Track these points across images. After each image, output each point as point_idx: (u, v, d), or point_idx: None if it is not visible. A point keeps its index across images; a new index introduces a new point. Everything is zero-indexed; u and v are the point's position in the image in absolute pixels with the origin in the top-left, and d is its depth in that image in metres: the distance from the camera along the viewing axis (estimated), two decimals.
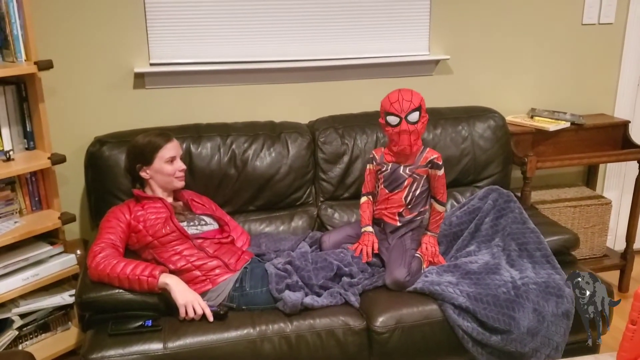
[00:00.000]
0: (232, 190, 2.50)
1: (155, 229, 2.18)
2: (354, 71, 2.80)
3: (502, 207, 2.38)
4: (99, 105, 2.58)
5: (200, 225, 2.28)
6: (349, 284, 2.15)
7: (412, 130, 2.15)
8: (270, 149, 2.53)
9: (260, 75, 2.69)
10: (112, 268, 1.99)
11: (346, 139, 2.62)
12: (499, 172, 2.78)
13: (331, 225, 2.61)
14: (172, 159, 2.26)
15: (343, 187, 2.64)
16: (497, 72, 3.00)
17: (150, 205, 2.25)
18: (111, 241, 2.12)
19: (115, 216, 2.21)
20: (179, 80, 2.61)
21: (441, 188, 2.26)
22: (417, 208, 2.29)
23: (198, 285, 2.13)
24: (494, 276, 2.15)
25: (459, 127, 2.74)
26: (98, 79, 2.54)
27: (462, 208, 2.48)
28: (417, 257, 2.23)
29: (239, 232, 2.46)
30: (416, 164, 2.24)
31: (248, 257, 2.27)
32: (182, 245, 2.18)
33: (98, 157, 2.40)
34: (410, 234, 2.28)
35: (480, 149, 2.73)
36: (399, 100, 2.14)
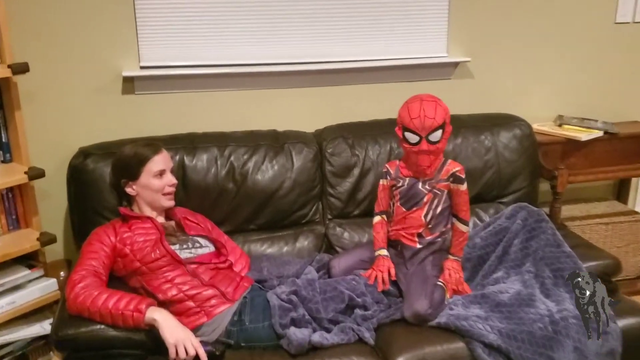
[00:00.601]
0: (230, 207, 2.32)
1: (144, 253, 1.96)
2: (365, 75, 2.64)
3: (532, 227, 2.17)
4: (84, 113, 2.41)
5: (195, 248, 2.06)
6: (362, 317, 1.93)
7: (433, 150, 1.95)
8: (272, 161, 2.35)
9: (262, 79, 2.53)
10: (92, 301, 1.77)
11: (357, 150, 2.43)
12: (526, 187, 2.57)
13: (340, 246, 2.41)
14: (160, 172, 2.05)
15: (353, 203, 2.45)
16: (521, 76, 2.84)
17: (138, 226, 2.03)
18: (93, 268, 1.90)
19: (99, 238, 1.99)
20: (172, 85, 2.46)
21: (464, 205, 2.04)
22: (438, 228, 2.07)
23: (191, 317, 1.91)
24: (528, 309, 1.91)
25: (482, 137, 2.54)
26: (82, 84, 2.38)
27: (487, 228, 2.26)
28: (440, 286, 2.01)
29: (237, 254, 2.24)
30: (436, 178, 2.02)
31: (248, 284, 2.05)
32: (174, 271, 1.96)
33: (81, 170, 2.21)
34: (431, 258, 2.06)
35: (506, 161, 2.53)
36: (420, 117, 1.92)
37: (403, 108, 1.98)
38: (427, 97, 1.97)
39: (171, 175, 2.09)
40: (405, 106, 1.98)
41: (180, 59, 2.44)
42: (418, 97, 1.97)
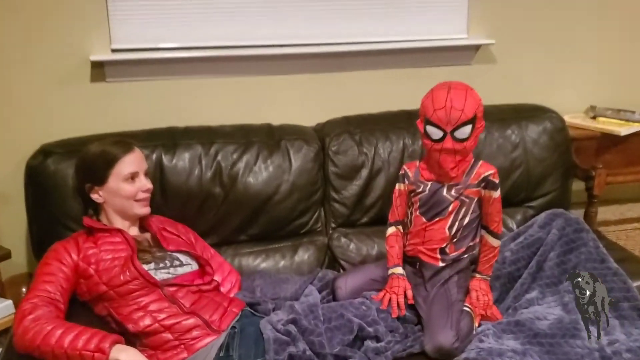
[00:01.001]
0: (217, 216, 2.10)
1: (111, 275, 1.67)
2: (374, 59, 2.43)
3: (571, 239, 1.95)
4: (46, 105, 2.20)
5: (173, 266, 1.77)
6: (374, 350, 1.65)
7: (459, 149, 1.68)
8: (267, 161, 2.13)
9: (255, 64, 2.35)
10: (44, 337, 1.48)
11: (365, 148, 2.20)
12: (558, 189, 2.33)
13: (346, 259, 2.17)
14: (132, 175, 1.80)
15: (361, 209, 2.22)
16: (550, 61, 2.63)
17: (105, 240, 1.75)
18: (48, 295, 1.61)
19: (57, 257, 1.70)
20: (149, 70, 2.27)
21: (496, 215, 1.78)
22: (464, 242, 1.79)
23: (169, 353, 1.64)
24: (573, 341, 1.65)
25: (508, 131, 2.30)
26: (44, 71, 2.17)
27: (518, 239, 2.02)
28: (467, 312, 1.74)
29: (225, 271, 1.98)
30: (465, 183, 1.75)
31: (237, 309, 1.77)
32: (148, 296, 1.68)
33: (41, 172, 1.96)
34: (456, 278, 1.78)
35: (535, 159, 2.29)
36: (445, 108, 1.64)
37: (427, 96, 1.70)
38: (457, 84, 1.69)
39: (145, 179, 1.83)
40: (430, 94, 1.70)
41: (158, 40, 2.25)
42: (446, 84, 1.69)
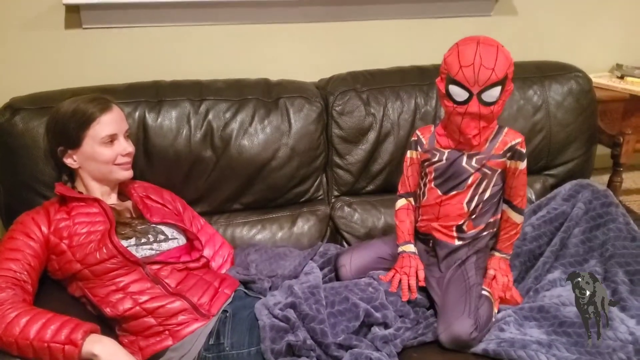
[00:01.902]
0: (208, 182, 1.97)
1: (86, 252, 1.50)
2: (383, 7, 2.27)
3: (598, 213, 1.82)
4: (14, 54, 2.05)
5: (157, 241, 1.61)
6: (382, 338, 1.50)
7: (486, 114, 1.49)
8: (263, 121, 1.98)
9: (249, 10, 2.19)
10: (7, 327, 1.33)
11: (373, 108, 2.05)
12: (581, 156, 2.17)
13: (349, 232, 2.03)
14: (110, 138, 1.62)
15: (367, 177, 2.09)
16: (575, 14, 2.46)
17: (80, 211, 1.57)
18: (13, 274, 1.45)
19: (25, 229, 1.53)
20: (132, 16, 2.11)
21: (521, 189, 1.60)
22: (484, 219, 1.61)
23: (151, 339, 1.49)
24: (603, 331, 1.53)
25: (530, 92, 2.13)
26: (12, 15, 2.01)
27: (539, 212, 1.87)
28: (486, 297, 1.58)
29: (216, 244, 1.83)
30: (488, 153, 1.57)
31: (230, 289, 1.61)
32: (128, 275, 1.52)
33: (8, 131, 1.79)
34: (475, 258, 1.61)
35: (559, 124, 2.12)
36: (474, 65, 1.45)
37: (451, 52, 1.50)
38: (487, 39, 1.49)
39: (126, 142, 1.65)
40: (455, 49, 1.49)
41: None
42: (474, 39, 1.49)
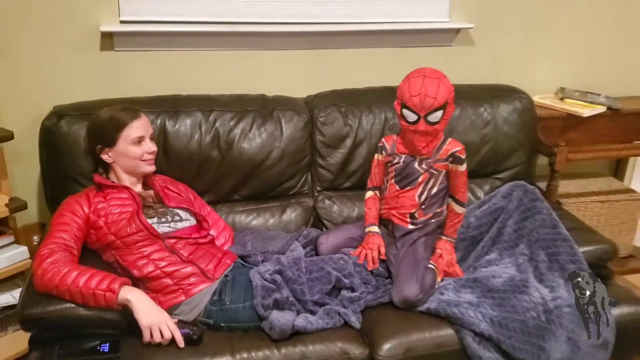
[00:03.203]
0: (214, 177, 2.22)
1: (119, 227, 1.85)
2: (361, 38, 2.51)
3: (527, 207, 2.09)
4: (59, 70, 2.27)
5: (174, 221, 1.95)
6: (349, 299, 1.85)
7: (430, 131, 1.84)
8: (260, 128, 2.23)
9: (252, 39, 2.41)
10: (61, 278, 1.66)
11: (350, 119, 2.31)
12: (523, 163, 2.48)
13: (329, 219, 2.33)
14: (139, 139, 1.94)
15: (344, 175, 2.35)
16: (525, 45, 2.72)
17: (114, 196, 1.91)
18: (63, 241, 1.78)
19: (71, 209, 1.87)
20: (155, 42, 2.33)
21: (462, 186, 1.95)
22: (432, 209, 1.97)
23: (169, 296, 1.82)
24: (521, 296, 1.84)
25: (481, 109, 2.43)
26: (57, 38, 2.23)
27: (482, 207, 2.18)
28: (431, 269, 1.93)
29: (220, 226, 2.15)
30: (434, 158, 1.92)
31: (230, 260, 1.95)
32: (151, 246, 1.86)
33: (54, 132, 2.07)
34: (424, 239, 1.97)
35: (504, 136, 2.43)
36: (420, 95, 1.79)
37: (404, 82, 1.85)
38: (431, 72, 1.82)
39: (151, 143, 1.98)
40: (407, 81, 1.84)
41: (164, 14, 2.30)
42: (421, 72, 1.83)
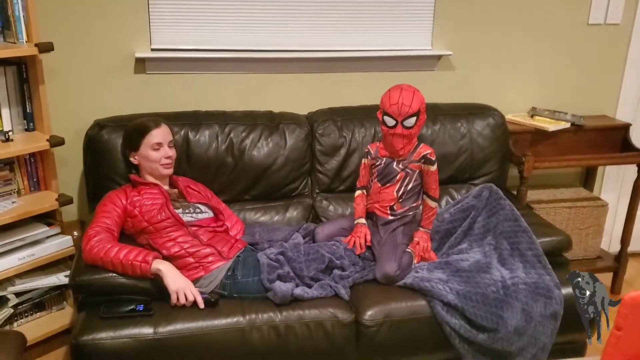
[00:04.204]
0: (229, 179, 2.49)
1: (151, 215, 2.18)
2: (355, 64, 2.77)
3: (493, 205, 2.36)
4: (99, 89, 2.56)
5: (195, 213, 2.28)
6: (339, 276, 2.15)
7: (406, 134, 2.16)
8: (267, 139, 2.51)
9: (262, 64, 2.67)
10: (106, 252, 2.00)
11: (344, 132, 2.59)
12: (496, 171, 2.77)
13: (325, 217, 2.61)
14: (158, 145, 2.23)
15: (339, 179, 2.63)
16: (499, 70, 2.97)
17: (146, 191, 2.25)
18: (106, 225, 2.12)
19: (112, 200, 2.21)
20: (180, 66, 2.60)
21: (433, 184, 2.26)
22: (408, 203, 2.29)
23: (191, 271, 2.13)
24: (484, 275, 2.14)
25: (458, 124, 2.72)
26: (99, 63, 2.53)
27: (456, 205, 2.47)
28: (408, 252, 2.23)
29: (233, 220, 2.46)
30: (409, 159, 2.24)
31: (241, 245, 2.27)
32: (177, 232, 2.18)
33: (97, 140, 2.39)
34: (402, 228, 2.28)
35: (478, 147, 2.71)
36: (398, 103, 2.13)
37: (385, 94, 2.19)
38: (407, 87, 2.17)
39: (168, 149, 2.24)
40: (387, 93, 2.18)
41: (187, 43, 2.57)
42: (399, 86, 2.17)
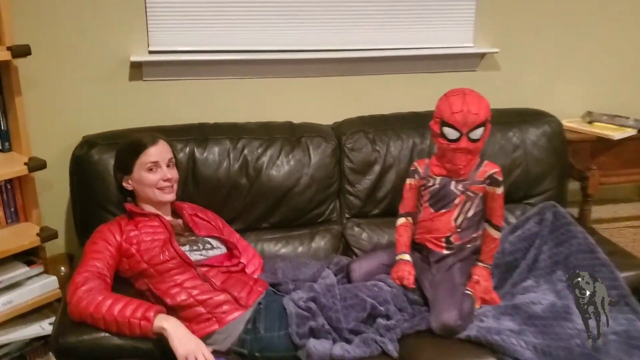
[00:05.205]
0: (243, 204, 2.23)
1: (152, 254, 1.84)
2: (387, 64, 2.54)
3: (561, 232, 2.08)
4: (89, 100, 2.32)
5: (205, 249, 1.94)
6: (385, 327, 1.82)
7: (472, 149, 1.85)
8: (288, 155, 2.25)
9: (279, 67, 2.45)
10: (96, 306, 1.66)
11: (378, 145, 2.33)
12: (555, 188, 2.47)
13: (358, 247, 2.32)
14: (154, 165, 1.91)
15: (373, 202, 2.35)
16: (550, 69, 2.74)
17: (145, 224, 1.91)
18: (97, 269, 1.78)
19: (103, 237, 1.87)
20: (183, 71, 2.37)
21: (499, 209, 1.93)
22: (468, 233, 1.95)
23: (202, 324, 1.80)
24: (564, 323, 1.81)
25: (510, 134, 2.43)
26: (88, 69, 2.29)
27: (516, 232, 2.16)
28: (469, 295, 1.90)
29: (250, 254, 2.13)
30: (472, 179, 1.91)
31: (262, 288, 1.93)
32: (184, 274, 1.84)
33: (85, 161, 2.11)
34: (459, 265, 1.94)
35: (534, 160, 2.42)
36: (462, 112, 1.81)
37: (443, 101, 1.86)
38: (470, 91, 1.86)
39: (167, 169, 1.92)
40: (446, 99, 1.86)
41: (192, 44, 2.35)
42: (460, 90, 1.86)
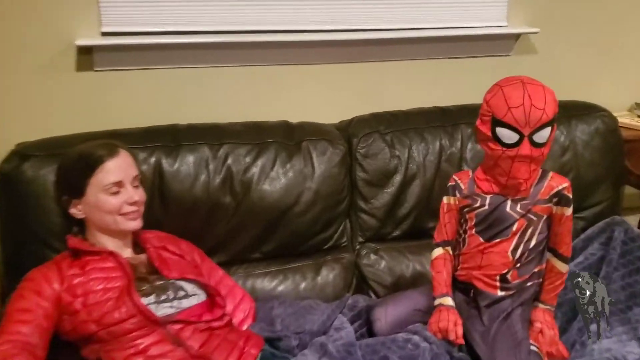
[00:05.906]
0: (227, 229, 1.95)
1: (103, 311, 1.42)
2: (404, 48, 2.30)
3: (637, 256, 1.82)
4: (21, 98, 2.03)
5: (178, 298, 1.53)
6: None
7: (536, 156, 1.47)
8: (285, 165, 1.98)
9: (268, 52, 2.21)
10: None
11: (397, 150, 2.06)
12: (610, 198, 2.17)
13: (377, 280, 1.99)
14: (116, 185, 1.55)
15: (393, 221, 2.07)
16: (594, 53, 2.52)
17: (95, 266, 1.49)
18: (23, 338, 1.37)
19: (35, 287, 1.45)
20: (147, 58, 2.11)
21: (567, 235, 1.56)
22: (529, 268, 1.56)
23: None
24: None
25: (556, 132, 2.10)
26: (21, 56, 2.00)
27: (577, 258, 1.87)
28: (535, 352, 1.50)
29: (237, 297, 1.76)
30: (533, 198, 1.52)
31: (256, 349, 1.53)
32: (148, 337, 1.43)
33: (16, 179, 1.76)
34: (520, 311, 1.55)
35: (586, 164, 2.15)
36: (524, 106, 1.43)
37: (494, 93, 1.48)
38: (530, 79, 1.48)
39: (133, 190, 1.58)
40: (499, 90, 1.47)
41: (157, 23, 2.08)
42: (518, 79, 1.48)
